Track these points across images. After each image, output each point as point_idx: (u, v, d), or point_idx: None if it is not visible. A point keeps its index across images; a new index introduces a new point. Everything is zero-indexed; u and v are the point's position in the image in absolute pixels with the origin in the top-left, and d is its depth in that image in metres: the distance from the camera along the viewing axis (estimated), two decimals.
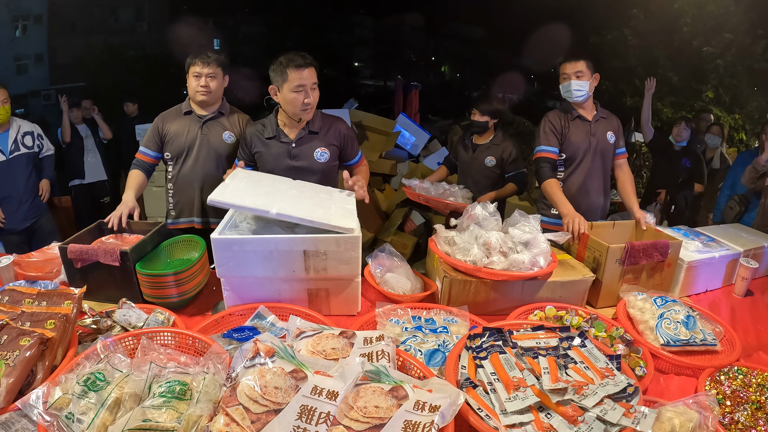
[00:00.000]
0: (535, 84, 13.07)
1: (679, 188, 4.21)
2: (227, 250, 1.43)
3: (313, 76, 1.89)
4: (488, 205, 1.77)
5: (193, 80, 2.16)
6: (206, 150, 2.21)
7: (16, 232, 3.03)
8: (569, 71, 2.28)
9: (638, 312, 1.56)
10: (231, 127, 2.25)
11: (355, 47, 13.29)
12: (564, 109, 2.40)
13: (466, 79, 15.23)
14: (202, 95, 2.16)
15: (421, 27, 13.38)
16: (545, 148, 2.35)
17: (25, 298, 1.20)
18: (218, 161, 2.22)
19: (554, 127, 2.36)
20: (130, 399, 0.93)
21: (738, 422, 1.17)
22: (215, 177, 2.18)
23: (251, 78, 8.17)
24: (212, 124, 2.23)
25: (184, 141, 2.21)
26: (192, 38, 7.77)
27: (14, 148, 2.96)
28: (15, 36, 8.04)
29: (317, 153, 2.02)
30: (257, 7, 11.31)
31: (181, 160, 2.23)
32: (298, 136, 2.01)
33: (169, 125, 2.22)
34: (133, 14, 9.95)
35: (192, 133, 2.21)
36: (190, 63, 2.16)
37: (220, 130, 2.23)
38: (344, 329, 1.18)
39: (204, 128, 2.22)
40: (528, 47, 10.03)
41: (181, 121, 2.23)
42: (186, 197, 2.26)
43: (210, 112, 2.24)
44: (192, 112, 2.23)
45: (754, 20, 6.51)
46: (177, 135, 2.21)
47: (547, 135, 2.36)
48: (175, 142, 2.21)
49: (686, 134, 4.18)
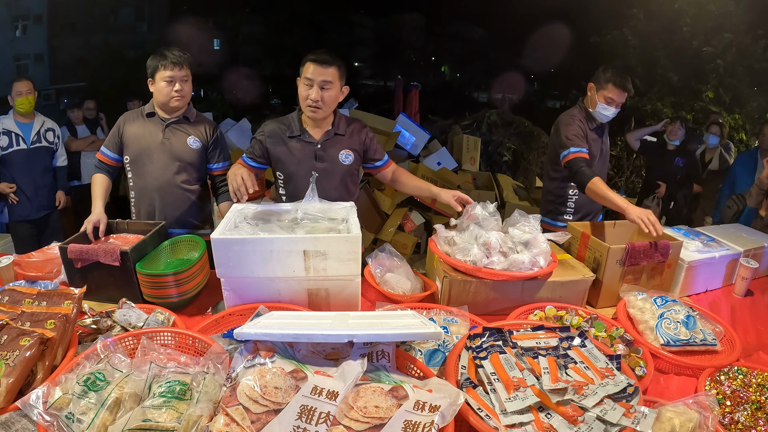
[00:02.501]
0: (535, 84, 13.08)
1: (679, 186, 4.21)
2: (227, 250, 1.43)
3: (325, 75, 1.80)
4: (488, 204, 1.77)
5: (164, 85, 2.00)
6: (167, 155, 2.08)
7: (29, 221, 3.21)
8: (618, 99, 2.25)
9: (638, 312, 1.56)
10: (197, 133, 2.12)
11: (355, 47, 13.30)
12: (586, 115, 2.35)
13: (466, 79, 15.23)
14: (177, 101, 2.03)
15: (421, 27, 13.39)
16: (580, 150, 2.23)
17: (25, 298, 1.20)
18: (180, 168, 2.10)
19: (583, 132, 2.30)
20: (130, 399, 0.93)
21: (738, 422, 1.17)
22: (175, 183, 2.10)
23: (251, 78, 8.25)
24: (176, 128, 2.09)
25: (143, 145, 2.07)
26: (192, 38, 7.77)
27: (36, 139, 3.17)
28: (15, 36, 8.04)
29: (342, 155, 1.95)
30: (257, 7, 11.32)
31: (141, 165, 2.09)
32: (323, 137, 1.94)
33: (129, 127, 2.08)
34: (133, 14, 9.96)
35: (153, 136, 2.07)
36: (158, 65, 1.99)
37: (184, 135, 2.10)
38: None
39: (167, 132, 2.08)
40: (528, 47, 10.04)
41: (142, 123, 2.08)
42: (145, 206, 2.12)
43: (174, 116, 2.10)
44: (155, 114, 2.09)
45: (754, 20, 6.51)
46: (137, 138, 2.07)
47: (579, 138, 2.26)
48: (134, 146, 2.07)
49: (681, 133, 4.17)
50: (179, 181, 2.11)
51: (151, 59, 2.02)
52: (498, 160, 5.99)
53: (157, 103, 2.09)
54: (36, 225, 3.25)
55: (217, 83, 8.80)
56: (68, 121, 4.61)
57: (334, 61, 1.83)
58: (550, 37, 9.14)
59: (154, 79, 2.03)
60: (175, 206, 2.13)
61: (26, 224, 3.21)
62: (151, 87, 2.06)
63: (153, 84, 2.04)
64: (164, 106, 2.07)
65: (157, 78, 2.01)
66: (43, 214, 3.26)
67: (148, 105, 2.12)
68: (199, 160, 2.14)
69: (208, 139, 2.16)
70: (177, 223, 2.13)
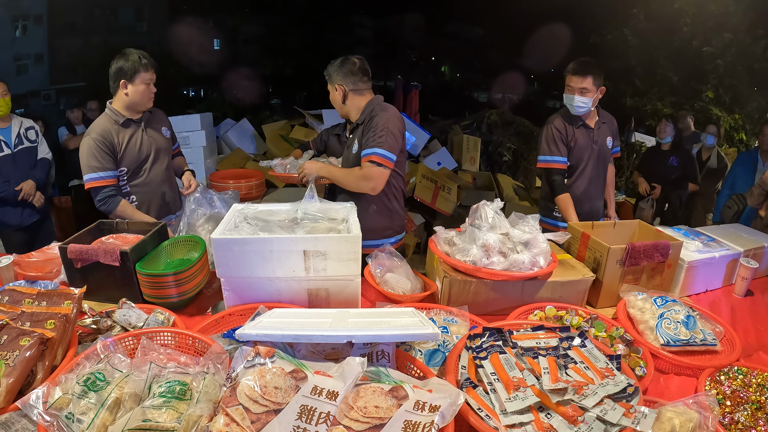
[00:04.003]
0: (535, 84, 13.09)
1: (673, 187, 4.18)
2: (227, 250, 1.43)
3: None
4: (498, 201, 1.76)
5: (144, 88, 2.08)
6: (156, 151, 2.22)
7: (22, 228, 3.01)
8: (574, 86, 2.25)
9: (638, 312, 1.56)
10: (162, 123, 2.32)
11: (355, 47, 13.31)
12: (568, 116, 2.38)
13: (466, 79, 15.24)
14: (151, 101, 2.16)
15: (421, 27, 13.40)
16: (553, 159, 2.34)
17: (25, 298, 1.20)
18: (168, 157, 2.30)
19: (561, 135, 2.33)
20: (130, 399, 0.93)
21: (738, 422, 1.17)
22: (170, 173, 2.33)
23: (251, 78, 8.24)
24: (149, 124, 2.23)
25: (137, 150, 2.15)
26: (192, 38, 7.77)
27: (18, 141, 2.95)
28: (15, 36, 8.05)
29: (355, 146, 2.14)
30: (257, 7, 11.31)
31: (142, 170, 2.19)
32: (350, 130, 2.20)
33: (117, 138, 2.09)
34: (133, 14, 9.96)
35: (140, 140, 2.16)
36: (138, 69, 2.04)
37: (159, 126, 2.28)
38: None
39: (148, 131, 2.21)
40: (528, 47, 10.05)
41: (125, 132, 2.12)
42: (155, 203, 2.25)
43: (141, 115, 2.19)
44: (129, 120, 2.14)
45: (754, 20, 6.52)
46: (129, 146, 2.13)
47: (554, 144, 2.33)
48: (129, 154, 2.13)
49: (669, 129, 4.15)
50: (170, 168, 2.32)
51: (126, 61, 2.03)
52: (498, 160, 5.99)
53: (129, 104, 2.10)
54: (29, 230, 3.03)
55: (217, 83, 8.79)
56: (67, 121, 4.61)
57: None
58: (550, 37, 9.15)
59: (132, 82, 2.05)
60: (172, 192, 2.34)
61: (20, 232, 2.99)
62: (124, 89, 2.06)
63: (129, 87, 2.06)
64: (137, 106, 2.13)
65: (137, 80, 2.05)
66: (36, 219, 3.05)
67: (112, 114, 2.11)
68: (170, 145, 2.35)
69: (169, 124, 2.37)
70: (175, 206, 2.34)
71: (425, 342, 1.29)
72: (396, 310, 1.33)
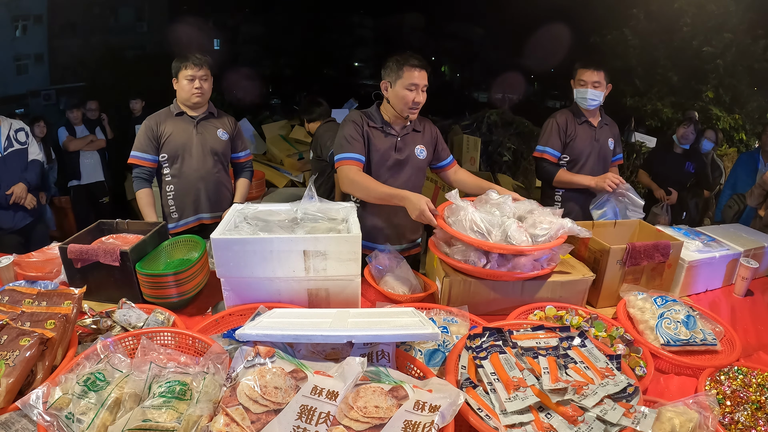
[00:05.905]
0: (535, 84, 13.09)
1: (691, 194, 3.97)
2: (227, 250, 1.43)
3: (425, 79, 1.94)
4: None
5: (186, 83, 2.25)
6: (203, 148, 2.33)
7: (15, 231, 2.93)
8: (587, 79, 2.31)
9: (638, 312, 1.56)
10: (223, 126, 2.42)
11: (355, 47, 13.31)
12: (573, 111, 2.43)
13: (466, 79, 15.25)
14: (198, 97, 2.28)
15: (421, 27, 13.41)
16: (547, 150, 2.40)
17: (25, 298, 1.20)
18: (215, 157, 2.37)
19: (561, 129, 2.38)
20: (130, 399, 0.93)
21: (738, 422, 1.17)
22: (213, 172, 2.37)
23: (251, 78, 8.25)
24: (205, 123, 2.36)
25: (180, 141, 2.29)
26: (192, 38, 7.77)
27: (8, 144, 2.87)
28: (15, 36, 8.04)
29: (417, 149, 2.08)
30: (257, 7, 11.32)
31: (180, 160, 2.31)
32: (403, 131, 2.06)
33: (164, 126, 2.29)
34: (133, 14, 9.96)
35: (187, 132, 2.31)
36: (180, 66, 2.25)
37: (214, 128, 2.38)
38: None
39: (198, 128, 2.33)
40: (528, 47, 10.05)
41: (174, 122, 2.31)
42: (190, 196, 2.35)
43: (200, 113, 2.36)
44: (183, 114, 2.33)
45: (754, 20, 6.51)
46: (173, 135, 2.29)
47: (552, 136, 2.39)
48: (172, 143, 2.29)
49: (692, 137, 3.89)
50: (215, 170, 2.38)
51: (175, 61, 2.28)
52: (498, 160, 5.98)
53: (180, 100, 2.33)
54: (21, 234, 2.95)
55: (217, 83, 8.77)
56: (67, 121, 4.62)
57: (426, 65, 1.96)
58: (550, 37, 9.15)
59: (178, 78, 2.27)
60: (215, 192, 2.41)
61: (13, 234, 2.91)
62: (175, 85, 2.30)
63: (177, 82, 2.28)
64: (187, 101, 2.30)
65: (180, 77, 2.26)
66: (29, 221, 2.95)
67: (173, 106, 2.35)
68: (227, 149, 2.43)
69: (233, 130, 2.47)
70: (216, 206, 2.41)
71: (425, 342, 1.29)
72: (396, 310, 1.34)
